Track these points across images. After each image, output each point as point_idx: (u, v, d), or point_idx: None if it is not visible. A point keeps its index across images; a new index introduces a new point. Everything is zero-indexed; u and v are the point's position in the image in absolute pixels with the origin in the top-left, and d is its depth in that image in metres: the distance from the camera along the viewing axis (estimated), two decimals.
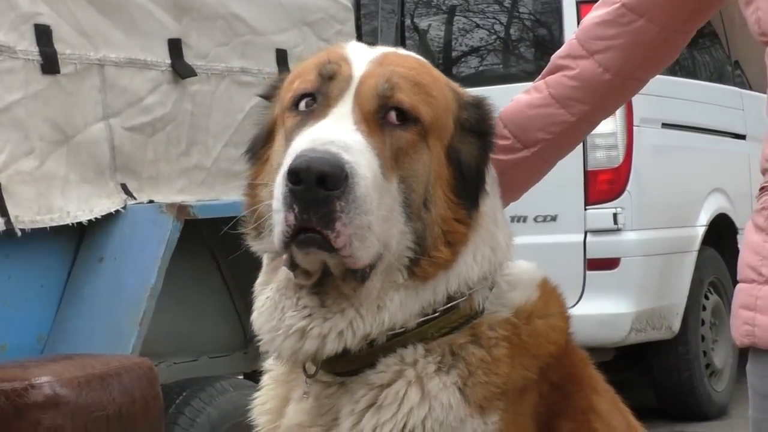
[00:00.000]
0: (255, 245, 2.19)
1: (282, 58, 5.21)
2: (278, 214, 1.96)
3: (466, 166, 2.14)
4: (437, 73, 2.22)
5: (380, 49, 2.21)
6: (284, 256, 2.04)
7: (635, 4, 2.38)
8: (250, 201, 2.18)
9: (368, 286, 2.05)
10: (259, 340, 2.20)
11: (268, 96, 2.28)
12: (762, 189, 2.21)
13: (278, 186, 1.96)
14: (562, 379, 2.16)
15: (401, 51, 2.27)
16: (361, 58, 2.14)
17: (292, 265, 2.04)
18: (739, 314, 2.18)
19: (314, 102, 2.10)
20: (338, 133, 1.99)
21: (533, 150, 2.39)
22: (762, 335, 2.11)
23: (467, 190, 2.13)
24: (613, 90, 2.44)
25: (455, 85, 2.24)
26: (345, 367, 2.10)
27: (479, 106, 2.22)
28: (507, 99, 2.42)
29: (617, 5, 2.39)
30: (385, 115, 2.07)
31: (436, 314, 2.10)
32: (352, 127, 2.01)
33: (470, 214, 2.12)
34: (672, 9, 2.39)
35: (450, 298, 2.11)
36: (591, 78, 2.41)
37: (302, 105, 2.11)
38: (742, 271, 2.20)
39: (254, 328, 2.15)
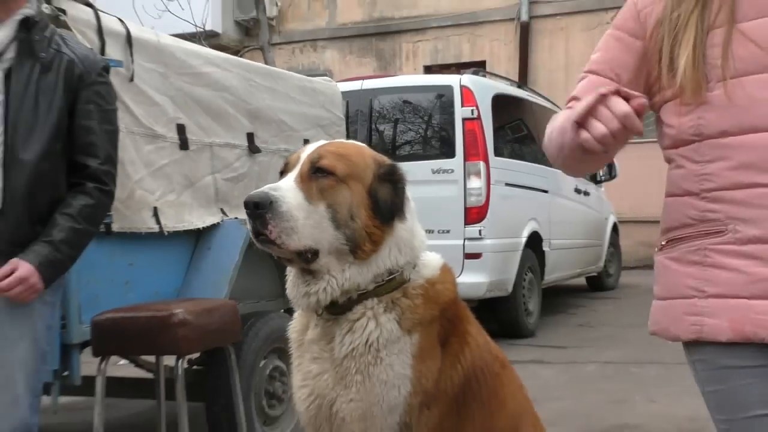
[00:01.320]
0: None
1: (307, 144, 5.16)
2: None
3: (381, 200, 2.04)
4: (367, 150, 2.10)
5: (330, 141, 2.14)
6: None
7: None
8: None
9: (319, 263, 1.97)
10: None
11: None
12: (681, 238, 1.68)
13: None
14: (453, 317, 2.14)
15: (345, 141, 2.16)
16: (314, 147, 2.07)
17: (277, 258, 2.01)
18: (684, 319, 1.66)
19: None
20: (277, 183, 1.94)
21: None
22: (709, 331, 1.63)
23: (382, 212, 2.03)
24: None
25: (381, 157, 2.12)
26: (336, 311, 2.07)
27: (390, 168, 2.10)
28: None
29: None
30: (315, 172, 1.99)
31: (383, 282, 2.06)
32: (292, 181, 1.97)
33: (384, 225, 2.03)
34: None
35: (390, 273, 2.06)
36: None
37: None
38: (676, 290, 1.68)
39: (287, 292, 2.11)
